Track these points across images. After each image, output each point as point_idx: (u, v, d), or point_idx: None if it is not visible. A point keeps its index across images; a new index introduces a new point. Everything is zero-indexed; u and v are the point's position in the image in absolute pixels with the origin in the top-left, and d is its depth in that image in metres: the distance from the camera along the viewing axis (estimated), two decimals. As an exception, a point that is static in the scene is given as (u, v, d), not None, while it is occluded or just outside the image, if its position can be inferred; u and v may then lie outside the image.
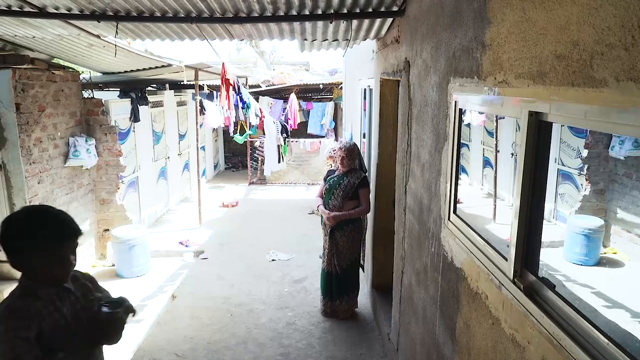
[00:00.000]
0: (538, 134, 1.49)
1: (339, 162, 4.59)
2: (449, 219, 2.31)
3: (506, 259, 1.67)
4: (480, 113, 6.38)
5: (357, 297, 4.86)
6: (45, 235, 1.64)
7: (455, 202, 2.29)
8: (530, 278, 1.54)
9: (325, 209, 4.62)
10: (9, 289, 5.01)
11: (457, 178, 2.26)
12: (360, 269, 4.91)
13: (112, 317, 1.74)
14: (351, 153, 4.54)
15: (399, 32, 3.52)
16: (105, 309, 1.74)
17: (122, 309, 1.77)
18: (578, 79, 1.20)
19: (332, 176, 4.70)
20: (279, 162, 10.56)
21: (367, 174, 4.73)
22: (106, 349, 1.88)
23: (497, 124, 7.23)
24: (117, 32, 3.49)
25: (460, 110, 2.18)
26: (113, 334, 1.78)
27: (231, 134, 9.98)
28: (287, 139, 10.76)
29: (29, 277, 1.68)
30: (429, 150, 2.71)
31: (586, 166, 6.32)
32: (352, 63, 7.48)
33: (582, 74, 1.18)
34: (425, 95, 2.78)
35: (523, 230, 1.57)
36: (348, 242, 4.60)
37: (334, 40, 4.19)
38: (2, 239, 1.62)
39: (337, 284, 4.67)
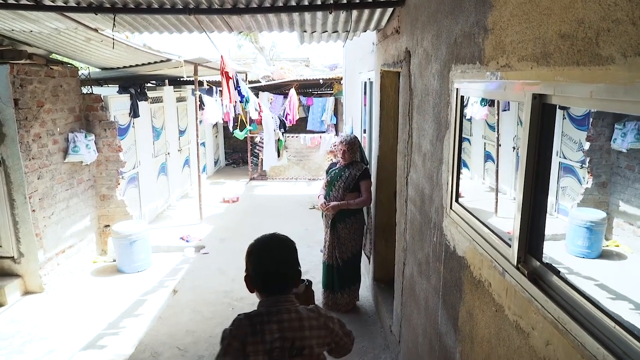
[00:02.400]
0: (542, 117, 1.46)
1: (340, 156, 4.58)
2: (451, 207, 2.29)
3: (510, 245, 1.65)
4: (483, 105, 6.36)
5: (358, 290, 4.84)
6: None
7: (458, 190, 2.26)
8: (535, 264, 1.52)
9: (326, 200, 4.61)
10: (9, 284, 5.02)
11: (459, 166, 2.24)
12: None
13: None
14: (352, 146, 4.53)
15: (399, 22, 3.48)
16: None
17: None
18: (583, 58, 1.18)
19: (333, 169, 4.69)
20: (278, 157, 10.53)
21: (368, 166, 4.71)
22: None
23: (498, 117, 7.19)
24: (114, 24, 3.46)
25: (462, 97, 2.15)
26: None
27: (230, 130, 9.94)
28: (284, 134, 10.73)
29: None
30: (430, 139, 2.68)
31: (588, 159, 6.29)
32: (352, 56, 7.44)
33: (588, 52, 1.16)
34: (426, 85, 2.75)
35: (527, 215, 1.54)
36: (350, 234, 4.58)
37: (333, 32, 4.15)
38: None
39: (339, 277, 4.66)
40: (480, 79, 1.86)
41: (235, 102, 7.60)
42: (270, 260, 1.65)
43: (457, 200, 2.25)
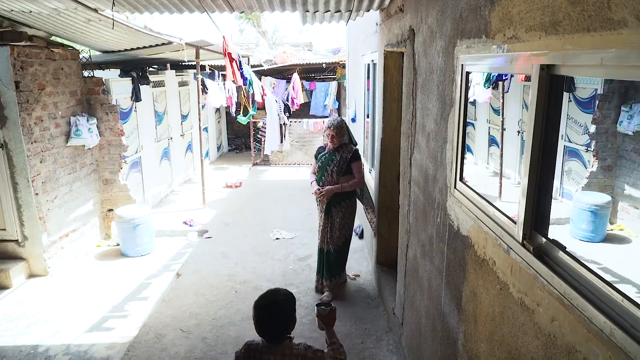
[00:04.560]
0: (550, 89, 1.42)
1: (329, 140, 4.51)
2: (455, 187, 2.26)
3: (515, 222, 1.62)
4: (486, 87, 6.27)
5: (344, 271, 4.95)
6: None
7: (462, 169, 2.23)
8: (540, 240, 1.49)
9: (319, 186, 4.55)
10: (14, 267, 5.05)
11: (463, 145, 2.20)
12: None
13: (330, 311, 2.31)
14: (340, 130, 4.46)
15: (403, 0, 3.41)
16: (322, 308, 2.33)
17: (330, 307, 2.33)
18: (594, 23, 1.13)
19: (323, 153, 4.61)
20: (281, 141, 10.47)
21: (357, 146, 4.66)
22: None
23: (503, 100, 7.11)
24: (113, 3, 3.40)
25: (467, 73, 2.11)
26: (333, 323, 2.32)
27: (233, 114, 9.88)
28: (289, 119, 10.66)
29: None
30: (434, 118, 2.64)
31: (593, 142, 6.22)
32: (354, 38, 7.35)
33: (599, 17, 1.11)
34: (430, 63, 2.70)
35: (533, 190, 1.51)
36: (344, 219, 4.59)
37: (336, 12, 4.08)
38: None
39: (333, 261, 4.68)
40: (487, 52, 1.81)
41: (241, 84, 7.50)
42: (264, 320, 2.05)
43: (461, 180, 2.22)
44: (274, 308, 2.05)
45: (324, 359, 2.07)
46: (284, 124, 10.34)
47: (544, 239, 1.48)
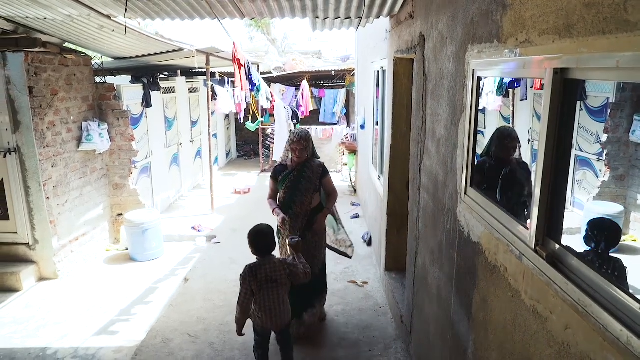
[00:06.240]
0: (563, 93, 1.41)
1: (295, 155, 3.96)
2: (465, 193, 2.24)
3: (527, 228, 1.60)
4: (498, 94, 6.24)
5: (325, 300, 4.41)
6: None
7: (473, 175, 2.21)
8: (553, 246, 1.47)
9: (290, 208, 4.00)
10: (25, 270, 5.09)
11: (474, 150, 2.19)
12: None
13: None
14: (308, 142, 3.98)
15: (414, 6, 3.42)
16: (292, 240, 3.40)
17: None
18: (610, 26, 1.12)
19: (287, 172, 4.03)
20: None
21: (320, 159, 4.20)
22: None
23: (514, 108, 7.07)
24: (126, 10, 3.44)
25: (479, 78, 2.10)
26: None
27: (241, 121, 9.92)
28: (297, 125, 10.68)
29: None
30: (444, 124, 2.63)
31: (605, 151, 6.15)
32: (364, 45, 7.37)
33: (615, 20, 1.10)
34: (441, 69, 2.69)
35: (546, 196, 1.49)
36: (319, 241, 4.14)
37: (346, 19, 4.09)
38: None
39: (311, 293, 4.10)
40: (498, 57, 1.80)
41: (248, 90, 7.55)
42: (259, 239, 3.20)
43: (472, 185, 2.20)
44: (264, 228, 3.23)
45: (298, 266, 3.21)
46: (290, 131, 10.36)
47: (557, 246, 1.46)
